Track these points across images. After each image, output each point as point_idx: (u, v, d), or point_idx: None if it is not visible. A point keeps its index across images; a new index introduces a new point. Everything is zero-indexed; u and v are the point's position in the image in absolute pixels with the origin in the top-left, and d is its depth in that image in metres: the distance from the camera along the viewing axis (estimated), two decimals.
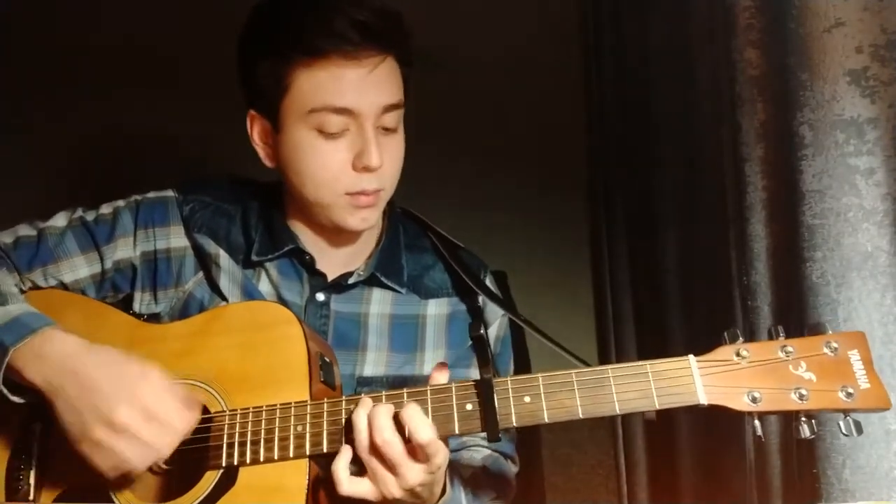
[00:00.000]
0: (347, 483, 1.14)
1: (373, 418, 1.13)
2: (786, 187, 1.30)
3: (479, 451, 1.42)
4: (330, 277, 1.40)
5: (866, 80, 1.21)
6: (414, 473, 1.13)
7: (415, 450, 1.13)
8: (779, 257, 1.34)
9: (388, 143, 1.32)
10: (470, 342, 1.39)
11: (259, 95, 1.33)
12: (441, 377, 1.20)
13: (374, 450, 1.13)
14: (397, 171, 1.36)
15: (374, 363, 1.39)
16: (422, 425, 1.12)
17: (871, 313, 1.20)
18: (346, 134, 1.29)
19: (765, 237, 1.37)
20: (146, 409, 1.15)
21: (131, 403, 1.15)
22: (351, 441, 1.15)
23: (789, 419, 1.12)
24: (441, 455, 1.15)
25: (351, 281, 1.40)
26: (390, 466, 1.13)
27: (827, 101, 1.23)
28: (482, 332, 1.18)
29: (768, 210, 1.36)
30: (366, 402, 1.16)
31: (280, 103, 1.29)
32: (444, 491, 1.22)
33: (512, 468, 1.46)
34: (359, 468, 1.15)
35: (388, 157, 1.31)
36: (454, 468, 1.29)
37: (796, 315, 1.27)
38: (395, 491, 1.13)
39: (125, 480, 1.23)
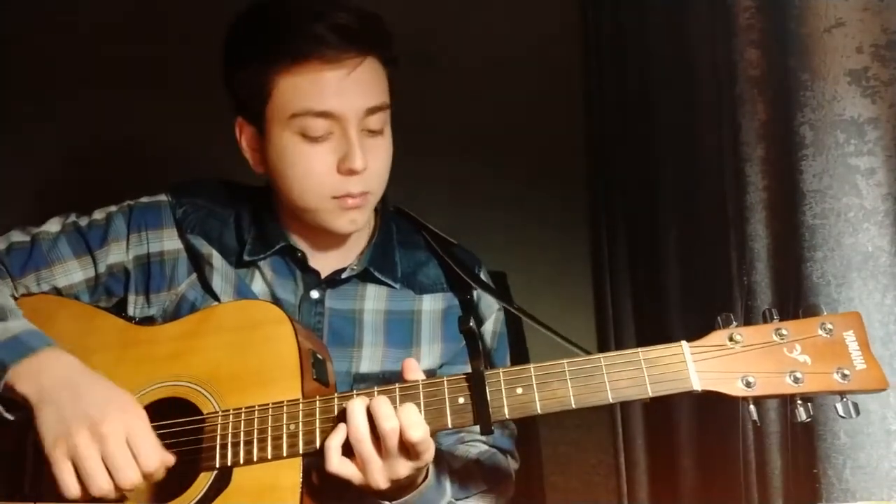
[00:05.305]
0: (338, 462, 1.14)
1: (377, 407, 1.13)
2: (786, 187, 1.29)
3: (475, 447, 1.41)
4: (323, 275, 1.40)
5: (867, 80, 1.21)
6: (402, 467, 1.14)
7: (405, 447, 1.13)
8: (779, 257, 1.34)
9: (373, 146, 1.31)
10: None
11: (244, 102, 1.33)
12: (414, 374, 1.19)
13: (374, 437, 1.13)
14: (384, 173, 1.35)
15: (369, 360, 1.39)
16: (416, 424, 1.12)
17: (871, 313, 1.20)
18: (330, 137, 1.29)
19: (765, 237, 1.37)
20: (130, 433, 1.15)
21: (121, 422, 1.15)
22: (346, 427, 1.14)
23: (789, 416, 1.12)
24: (430, 453, 1.15)
25: (344, 275, 1.40)
26: (385, 455, 1.13)
27: (827, 101, 1.23)
28: (472, 325, 1.18)
29: (768, 210, 1.36)
30: (360, 397, 1.16)
31: (264, 109, 1.30)
32: (424, 478, 1.23)
33: (510, 464, 1.45)
34: (348, 452, 1.15)
35: (374, 160, 1.31)
36: (442, 458, 1.29)
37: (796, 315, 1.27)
38: (380, 480, 1.14)
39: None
